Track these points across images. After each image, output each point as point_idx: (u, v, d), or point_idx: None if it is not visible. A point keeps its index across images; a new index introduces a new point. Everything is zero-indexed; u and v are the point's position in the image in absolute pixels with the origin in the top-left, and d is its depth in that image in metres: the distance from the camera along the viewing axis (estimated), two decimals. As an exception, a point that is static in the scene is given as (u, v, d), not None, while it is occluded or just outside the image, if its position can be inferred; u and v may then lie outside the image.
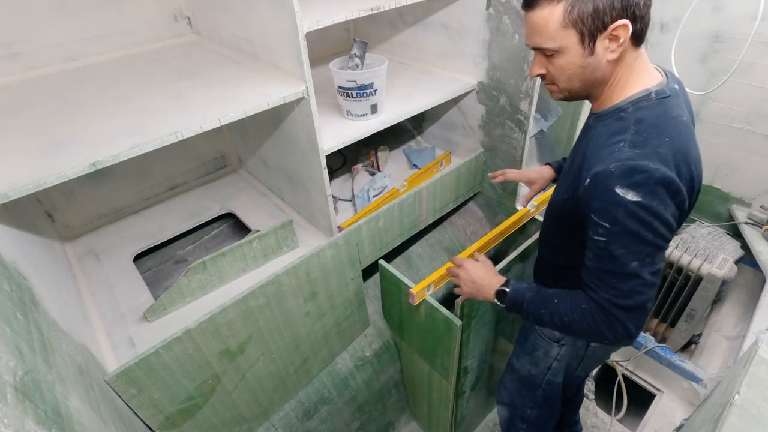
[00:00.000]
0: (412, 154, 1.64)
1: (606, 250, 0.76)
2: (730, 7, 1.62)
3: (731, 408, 0.75)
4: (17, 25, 1.06)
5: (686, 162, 0.74)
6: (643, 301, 0.78)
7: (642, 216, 0.71)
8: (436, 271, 1.29)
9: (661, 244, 0.75)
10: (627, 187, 0.71)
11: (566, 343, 1.11)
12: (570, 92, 0.83)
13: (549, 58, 0.79)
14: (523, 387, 1.27)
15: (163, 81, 1.05)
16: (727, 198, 1.95)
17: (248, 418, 1.26)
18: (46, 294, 0.81)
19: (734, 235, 1.92)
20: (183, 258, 1.40)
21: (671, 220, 0.74)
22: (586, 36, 0.74)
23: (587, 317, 0.83)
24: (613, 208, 0.72)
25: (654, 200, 0.71)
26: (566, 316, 0.86)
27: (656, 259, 0.76)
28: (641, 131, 0.74)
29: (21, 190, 0.70)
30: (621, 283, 0.77)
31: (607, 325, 0.80)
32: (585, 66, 0.77)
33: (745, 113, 1.75)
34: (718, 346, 1.89)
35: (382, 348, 1.58)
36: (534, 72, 0.84)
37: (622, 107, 0.79)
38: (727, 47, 1.68)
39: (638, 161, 0.71)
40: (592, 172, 0.75)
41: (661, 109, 0.76)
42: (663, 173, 0.70)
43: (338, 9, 1.00)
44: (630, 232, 0.72)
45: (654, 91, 0.78)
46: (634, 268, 0.75)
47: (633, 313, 0.78)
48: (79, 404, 0.65)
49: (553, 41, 0.76)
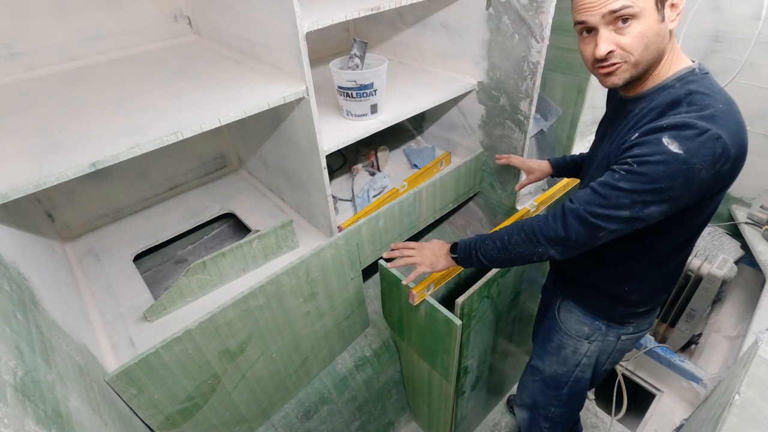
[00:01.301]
0: (412, 154, 1.64)
1: (614, 181, 0.76)
2: (730, 7, 1.62)
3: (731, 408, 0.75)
4: (17, 25, 1.06)
5: (738, 127, 0.74)
6: (600, 229, 0.78)
7: (673, 168, 0.70)
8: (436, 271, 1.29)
9: (666, 202, 0.74)
10: (673, 138, 0.70)
11: (596, 339, 1.11)
12: (638, 67, 0.79)
13: (622, 28, 0.75)
14: (548, 387, 1.27)
15: (163, 81, 1.05)
16: (727, 198, 1.95)
17: (248, 418, 1.27)
18: (46, 294, 0.81)
19: (734, 235, 1.92)
20: (183, 258, 1.40)
21: (697, 185, 0.72)
22: (659, 0, 0.73)
23: (526, 226, 0.86)
24: (650, 152, 0.72)
25: (695, 157, 0.70)
26: (505, 234, 0.90)
27: (648, 209, 0.75)
28: (694, 101, 0.74)
29: (21, 190, 0.70)
30: (599, 207, 0.77)
31: (548, 228, 0.83)
32: (659, 33, 0.75)
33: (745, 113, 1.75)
34: (718, 346, 1.89)
35: (382, 348, 1.58)
36: (604, 50, 0.76)
37: (668, 84, 0.79)
38: (728, 47, 1.68)
39: (692, 119, 0.71)
40: (643, 129, 0.75)
41: (707, 82, 0.77)
42: (714, 133, 0.70)
43: (338, 9, 1.01)
44: (649, 176, 0.72)
45: (698, 67, 0.79)
46: (623, 204, 0.75)
47: (583, 230, 0.79)
48: (79, 404, 0.65)
49: (635, 3, 0.72)
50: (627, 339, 1.10)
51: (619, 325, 1.07)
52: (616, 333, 1.09)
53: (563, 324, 1.16)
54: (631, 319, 1.06)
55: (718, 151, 0.70)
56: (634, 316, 1.05)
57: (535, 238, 0.85)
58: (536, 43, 1.19)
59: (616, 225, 0.78)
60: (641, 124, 0.78)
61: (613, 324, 1.07)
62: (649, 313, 1.07)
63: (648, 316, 1.07)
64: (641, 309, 1.04)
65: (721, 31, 1.68)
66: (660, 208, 0.75)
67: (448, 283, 1.46)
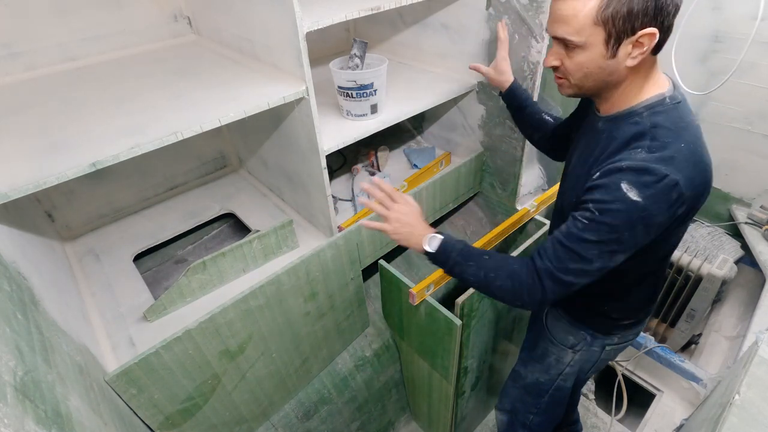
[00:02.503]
0: (412, 154, 1.64)
1: (578, 232, 0.76)
2: (730, 7, 1.62)
3: (731, 408, 0.75)
4: (17, 25, 1.06)
5: (700, 169, 0.74)
6: (574, 284, 0.79)
7: (633, 217, 0.71)
8: (436, 271, 1.29)
9: (630, 248, 0.76)
10: (633, 185, 0.70)
11: (581, 348, 1.10)
12: (580, 90, 0.82)
13: (568, 51, 0.77)
14: (528, 394, 1.26)
15: (163, 81, 1.05)
16: (727, 198, 1.95)
17: (248, 418, 1.26)
18: (46, 294, 0.81)
19: (734, 235, 1.92)
20: (183, 258, 1.40)
21: (655, 229, 0.74)
22: (612, 37, 0.72)
23: (515, 277, 0.83)
24: (611, 199, 0.72)
25: (654, 205, 0.71)
26: (492, 272, 0.86)
27: (615, 258, 0.77)
28: (658, 136, 0.73)
29: (21, 190, 0.70)
30: (570, 262, 0.78)
31: (530, 289, 0.82)
32: (603, 67, 0.76)
33: (745, 113, 1.75)
34: (718, 346, 1.89)
35: (382, 348, 1.58)
36: (549, 63, 0.81)
37: (636, 111, 0.78)
38: (727, 47, 1.68)
39: (652, 164, 0.70)
40: (605, 168, 0.75)
41: (676, 114, 0.76)
42: (671, 180, 0.70)
43: (338, 9, 1.00)
44: (612, 226, 0.73)
45: (668, 96, 0.77)
46: (592, 255, 0.76)
47: (558, 288, 0.80)
48: (79, 404, 0.65)
49: (578, 35, 0.73)
50: (611, 349, 1.10)
51: (605, 335, 1.07)
52: (601, 343, 1.08)
53: (550, 331, 1.15)
54: (616, 331, 1.06)
55: (673, 197, 0.71)
56: (619, 328, 1.05)
57: (520, 294, 0.84)
58: (536, 43, 1.19)
59: (588, 278, 0.79)
60: (604, 156, 0.79)
61: (599, 335, 1.07)
62: (635, 325, 1.07)
63: (634, 327, 1.07)
64: (625, 322, 1.04)
65: (720, 31, 1.68)
66: (626, 255, 0.77)
67: (448, 283, 1.46)
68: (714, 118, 1.84)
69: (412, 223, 0.94)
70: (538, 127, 1.16)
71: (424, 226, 0.94)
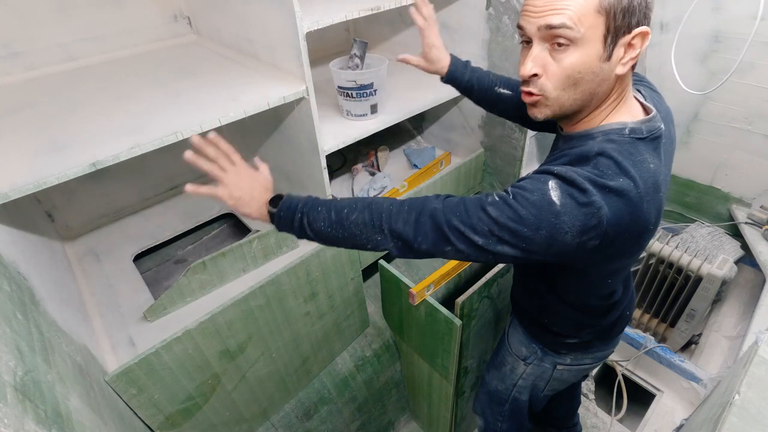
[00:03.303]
0: (412, 154, 1.64)
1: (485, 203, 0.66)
2: (730, 7, 1.62)
3: (731, 408, 0.75)
4: (17, 25, 1.06)
5: (631, 212, 0.64)
6: (449, 241, 0.68)
7: (542, 217, 0.62)
8: (436, 271, 1.29)
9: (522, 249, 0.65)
10: (558, 188, 0.63)
11: (532, 362, 1.07)
12: (560, 108, 0.69)
13: (555, 52, 0.64)
14: (492, 401, 1.25)
15: (163, 81, 1.05)
16: (727, 198, 1.95)
17: (248, 418, 1.26)
18: (46, 294, 0.81)
19: (734, 235, 1.92)
20: (183, 258, 1.40)
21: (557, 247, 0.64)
22: (611, 33, 0.61)
23: (372, 207, 0.71)
24: (531, 188, 0.64)
25: (567, 216, 0.62)
26: (345, 207, 0.73)
27: (500, 247, 0.66)
28: (600, 164, 0.64)
29: (21, 190, 0.70)
30: (458, 220, 0.67)
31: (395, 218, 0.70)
32: (597, 72, 0.64)
33: (745, 113, 1.75)
34: (718, 346, 1.88)
35: (382, 348, 1.58)
36: (528, 71, 0.66)
37: (593, 134, 0.69)
38: (727, 47, 1.68)
39: (584, 180, 0.62)
40: (540, 168, 0.68)
41: (627, 149, 0.66)
42: (596, 202, 0.61)
43: (338, 9, 1.01)
44: (518, 215, 0.63)
45: (630, 127, 0.67)
46: (481, 229, 0.65)
47: (432, 234, 0.68)
48: (79, 404, 0.65)
49: (579, 25, 0.60)
50: (564, 369, 1.05)
51: (554, 353, 1.03)
52: (552, 361, 1.04)
53: (508, 341, 1.14)
54: (563, 350, 1.01)
55: (591, 222, 0.61)
56: (564, 346, 1.00)
57: (379, 224, 0.70)
58: (536, 43, 1.19)
59: (465, 246, 0.67)
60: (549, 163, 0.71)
61: (548, 351, 1.03)
62: (585, 347, 1.00)
63: (586, 350, 1.01)
64: (569, 341, 0.99)
65: (720, 31, 1.68)
66: (513, 252, 0.66)
67: (448, 283, 1.46)
68: (714, 118, 1.84)
69: (252, 190, 0.81)
70: (495, 104, 1.06)
71: (263, 193, 0.82)
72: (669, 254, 1.82)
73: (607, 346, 1.03)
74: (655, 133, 0.69)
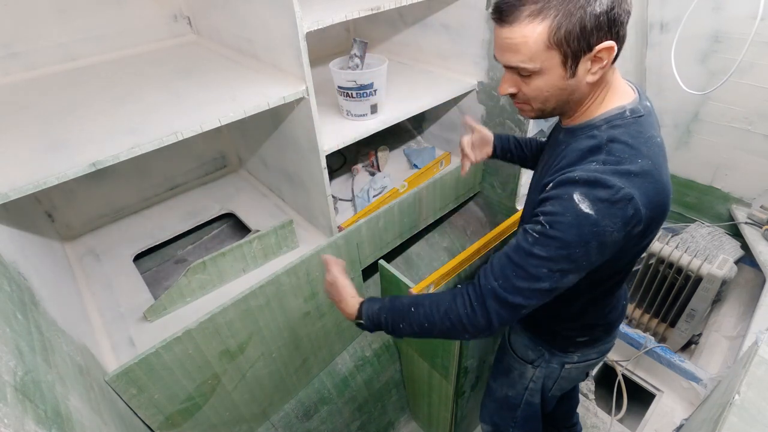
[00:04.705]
0: (412, 154, 1.64)
1: (528, 246, 0.70)
2: (730, 7, 1.62)
3: (731, 408, 0.75)
4: (17, 25, 1.06)
5: (658, 188, 0.69)
6: (523, 306, 0.72)
7: (585, 231, 0.66)
8: (436, 271, 1.29)
9: (582, 267, 0.69)
10: (585, 197, 0.66)
11: (540, 365, 1.08)
12: (544, 113, 0.77)
13: (523, 78, 0.72)
14: (502, 408, 1.25)
15: (163, 81, 1.05)
16: (727, 198, 1.95)
17: (248, 418, 1.26)
18: (46, 294, 0.81)
19: (734, 235, 1.92)
20: (183, 258, 1.40)
21: (609, 248, 0.68)
22: (569, 57, 0.67)
23: (448, 315, 0.76)
24: (562, 211, 0.67)
25: (605, 219, 0.65)
26: (426, 322, 0.79)
27: (567, 278, 0.70)
28: (614, 151, 0.69)
29: (21, 190, 0.70)
30: (518, 280, 0.70)
31: (471, 319, 0.74)
32: (564, 88, 0.71)
33: (745, 113, 1.75)
34: (718, 346, 1.88)
35: (382, 348, 1.58)
36: (504, 91, 0.76)
37: (595, 124, 0.74)
38: (727, 47, 1.67)
39: (606, 176, 0.66)
40: (557, 179, 0.71)
41: (635, 129, 0.71)
42: (626, 194, 0.65)
43: (338, 9, 1.01)
44: (563, 241, 0.67)
45: (629, 108, 0.73)
46: (542, 274, 0.69)
47: (506, 312, 0.72)
48: (79, 404, 0.65)
49: (532, 62, 0.68)
50: (572, 367, 1.06)
51: (562, 353, 1.04)
52: (560, 361, 1.06)
53: (512, 347, 1.14)
54: (571, 348, 1.03)
55: (629, 213, 0.66)
56: (574, 345, 1.03)
57: (462, 329, 0.76)
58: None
59: (537, 299, 0.71)
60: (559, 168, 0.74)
61: (556, 351, 1.05)
62: (593, 343, 1.03)
63: (593, 346, 1.03)
64: (580, 339, 1.01)
65: (720, 31, 1.68)
66: (578, 275, 0.71)
67: (448, 283, 1.46)
68: (714, 118, 1.84)
69: (343, 304, 0.91)
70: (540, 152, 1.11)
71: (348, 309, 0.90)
72: (669, 254, 1.82)
73: (610, 339, 1.06)
74: (648, 109, 0.76)
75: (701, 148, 1.92)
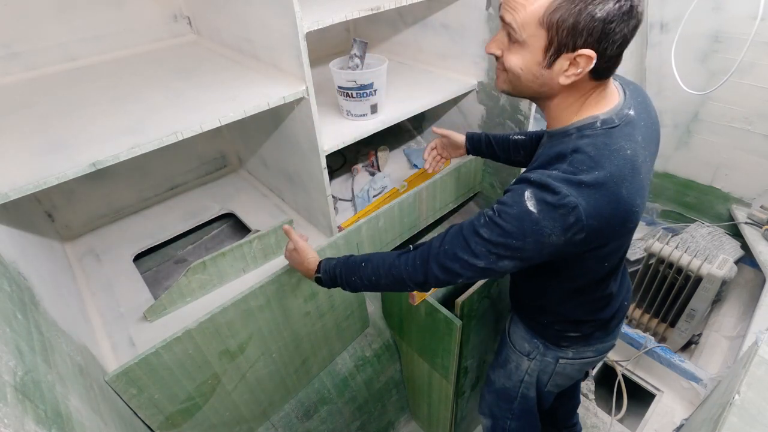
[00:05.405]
0: (412, 154, 1.64)
1: (477, 226, 0.75)
2: (730, 7, 1.62)
3: (731, 408, 0.75)
4: (17, 25, 1.06)
5: (612, 201, 0.70)
6: (458, 273, 0.79)
7: (524, 226, 0.70)
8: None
9: (519, 259, 0.74)
10: (533, 196, 0.70)
11: (535, 357, 1.10)
12: (514, 89, 0.78)
13: (510, 43, 0.73)
14: (500, 399, 1.26)
15: (163, 81, 1.05)
16: (727, 198, 1.95)
17: (248, 418, 1.27)
18: (46, 294, 0.81)
19: (734, 235, 1.92)
20: (183, 258, 1.40)
21: (548, 248, 0.72)
22: (552, 46, 0.68)
23: (394, 270, 0.87)
24: (511, 203, 0.71)
25: (545, 220, 0.69)
26: (373, 275, 0.89)
27: (501, 263, 0.75)
28: (575, 161, 0.71)
29: (21, 190, 0.70)
30: (460, 250, 0.77)
31: (413, 271, 0.84)
32: (537, 76, 0.72)
33: (745, 113, 1.75)
34: (718, 346, 1.88)
35: (382, 348, 1.58)
36: (490, 49, 0.76)
37: (568, 131, 0.76)
38: (727, 47, 1.68)
39: (556, 182, 0.69)
40: (519, 176, 0.75)
41: (602, 140, 0.72)
42: (569, 201, 0.67)
43: (338, 9, 1.00)
44: (504, 230, 0.72)
45: (601, 119, 0.74)
46: (479, 252, 0.75)
47: (442, 274, 0.81)
48: (79, 404, 0.65)
49: (522, 30, 0.69)
50: (567, 363, 1.08)
51: (556, 347, 1.06)
52: (554, 355, 1.07)
53: (510, 338, 1.16)
54: (564, 343, 1.05)
55: (570, 220, 0.68)
56: (566, 339, 1.04)
57: (402, 281, 0.87)
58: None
59: (472, 272, 0.78)
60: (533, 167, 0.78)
61: (550, 345, 1.06)
62: (586, 340, 1.04)
63: (587, 343, 1.04)
64: (571, 334, 1.03)
65: (720, 31, 1.68)
66: (513, 263, 0.75)
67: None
68: (714, 118, 1.84)
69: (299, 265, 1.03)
70: (514, 150, 1.15)
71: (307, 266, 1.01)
72: (669, 254, 1.82)
73: (607, 339, 1.06)
74: (628, 118, 0.75)
75: (701, 148, 1.92)
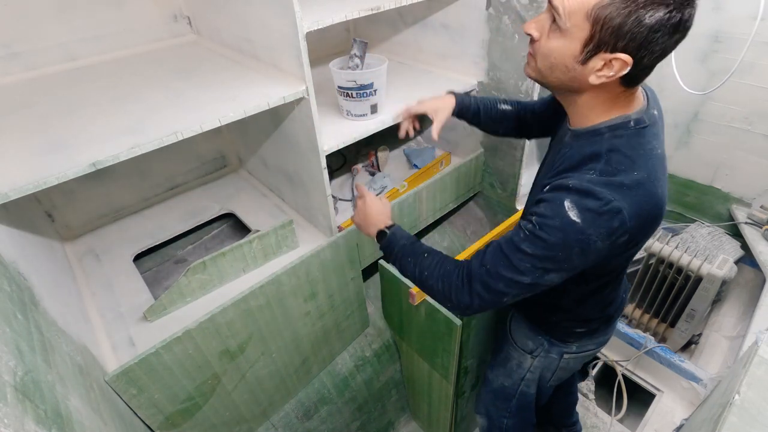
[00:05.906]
0: (412, 154, 1.64)
1: (518, 241, 0.73)
2: (730, 7, 1.62)
3: (731, 408, 0.75)
4: (17, 25, 1.06)
5: (650, 201, 0.70)
6: (505, 294, 0.77)
7: (569, 237, 0.68)
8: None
9: (564, 270, 0.73)
10: (574, 204, 0.68)
11: (539, 354, 1.10)
12: (542, 78, 0.76)
13: (550, 30, 0.70)
14: (497, 398, 1.27)
15: (163, 81, 1.05)
16: (727, 198, 1.95)
17: (248, 418, 1.26)
18: (46, 294, 0.81)
19: (734, 235, 1.91)
20: (183, 258, 1.40)
21: (593, 254, 0.71)
22: (593, 42, 0.66)
23: (446, 278, 0.83)
24: (551, 215, 0.70)
25: (591, 228, 0.68)
26: (427, 270, 0.86)
27: (548, 276, 0.73)
28: (612, 161, 0.70)
29: (21, 190, 0.70)
30: (503, 268, 0.75)
31: (458, 292, 0.81)
32: (570, 68, 0.70)
33: (745, 113, 1.75)
34: (718, 346, 1.88)
35: (382, 348, 1.58)
36: (528, 28, 0.74)
37: (599, 130, 0.75)
38: (727, 47, 1.67)
39: (598, 187, 0.68)
40: (554, 183, 0.73)
41: (636, 140, 0.72)
42: (614, 206, 0.67)
43: (338, 9, 1.01)
44: (548, 243, 0.70)
45: (633, 119, 0.73)
46: (525, 268, 0.73)
47: (488, 295, 0.77)
48: (79, 404, 0.65)
49: (568, 17, 0.66)
50: (570, 358, 1.09)
51: (561, 343, 1.07)
52: (559, 351, 1.08)
53: (512, 336, 1.16)
54: (570, 339, 1.06)
55: (614, 224, 0.68)
56: (573, 336, 1.05)
57: (448, 295, 0.83)
58: (536, 43, 1.19)
59: (518, 290, 0.76)
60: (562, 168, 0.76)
61: (555, 341, 1.07)
62: (591, 334, 1.05)
63: (591, 337, 1.06)
64: (579, 330, 1.04)
65: (720, 31, 1.67)
66: (559, 275, 0.74)
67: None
68: (714, 118, 1.84)
69: (371, 216, 1.01)
70: (500, 121, 1.13)
71: (380, 219, 1.00)
72: (669, 254, 1.82)
73: (608, 331, 1.08)
74: (654, 118, 0.75)
75: (701, 148, 1.92)
